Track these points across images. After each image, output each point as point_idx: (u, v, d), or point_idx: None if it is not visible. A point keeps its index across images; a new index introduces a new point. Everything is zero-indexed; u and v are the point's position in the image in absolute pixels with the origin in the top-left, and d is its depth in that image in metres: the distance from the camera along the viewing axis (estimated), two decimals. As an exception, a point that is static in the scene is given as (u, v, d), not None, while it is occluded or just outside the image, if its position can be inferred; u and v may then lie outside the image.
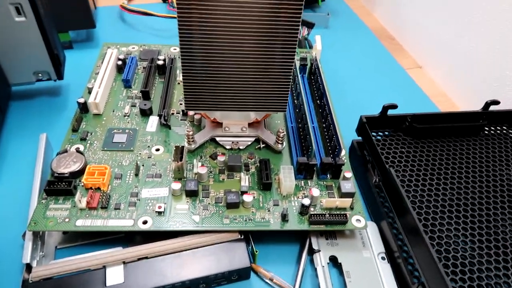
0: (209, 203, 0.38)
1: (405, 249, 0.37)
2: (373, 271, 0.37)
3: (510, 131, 0.47)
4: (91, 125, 0.44)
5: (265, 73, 0.37)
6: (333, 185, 0.40)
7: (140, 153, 0.42)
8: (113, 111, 0.46)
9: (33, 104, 0.51)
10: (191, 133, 0.41)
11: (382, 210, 0.40)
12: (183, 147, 0.40)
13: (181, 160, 0.39)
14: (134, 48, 0.56)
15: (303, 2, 0.33)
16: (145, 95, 0.47)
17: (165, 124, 0.44)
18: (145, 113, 0.46)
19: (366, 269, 0.37)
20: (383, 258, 0.38)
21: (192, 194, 0.38)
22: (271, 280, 0.36)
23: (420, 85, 0.61)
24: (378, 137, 0.45)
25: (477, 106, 0.47)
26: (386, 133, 0.46)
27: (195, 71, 0.36)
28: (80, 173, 0.38)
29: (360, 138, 0.46)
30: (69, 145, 0.42)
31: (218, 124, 0.43)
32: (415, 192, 0.39)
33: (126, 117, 0.45)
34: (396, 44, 0.71)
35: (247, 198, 0.37)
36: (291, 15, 0.33)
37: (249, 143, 0.43)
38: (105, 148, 0.42)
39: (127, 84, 0.49)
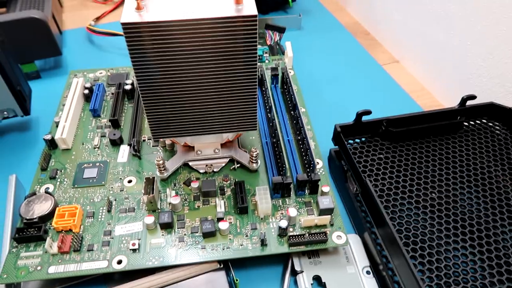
0: (185, 234, 0.37)
1: (389, 261, 0.36)
2: (358, 287, 0.36)
3: (490, 124, 0.46)
4: (61, 161, 0.43)
5: (229, 94, 0.36)
6: (312, 201, 0.39)
7: (112, 187, 0.40)
8: (83, 143, 0.45)
9: (2, 143, 0.50)
10: (161, 161, 0.39)
11: (364, 221, 0.39)
12: (154, 178, 0.39)
13: (152, 193, 0.37)
14: (101, 73, 0.54)
15: (257, 20, 0.31)
16: (114, 124, 0.46)
17: (135, 155, 0.43)
18: (115, 143, 0.44)
19: (351, 286, 0.36)
20: (368, 272, 0.37)
21: (167, 227, 0.37)
22: (255, 307, 0.36)
23: (398, 81, 0.60)
24: (355, 145, 0.44)
25: (457, 99, 0.45)
26: (363, 139, 0.44)
27: (156, 98, 0.35)
28: (50, 216, 0.37)
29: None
30: (39, 186, 0.40)
31: (190, 148, 0.42)
32: (394, 201, 0.38)
33: (96, 149, 0.44)
34: (371, 39, 0.70)
35: (223, 225, 0.36)
36: (247, 34, 0.32)
37: (224, 164, 0.42)
38: (76, 185, 0.40)
39: (95, 114, 0.48)
